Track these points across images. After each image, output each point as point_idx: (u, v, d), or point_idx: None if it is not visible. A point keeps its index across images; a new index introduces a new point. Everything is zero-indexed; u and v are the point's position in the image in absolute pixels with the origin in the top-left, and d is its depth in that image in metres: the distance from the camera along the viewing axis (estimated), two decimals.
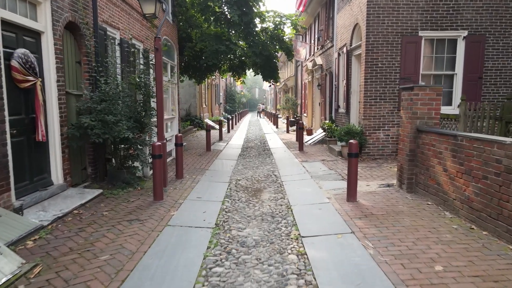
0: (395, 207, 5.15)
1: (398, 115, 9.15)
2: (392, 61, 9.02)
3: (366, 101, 9.14)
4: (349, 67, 10.72)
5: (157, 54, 6.39)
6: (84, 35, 6.38)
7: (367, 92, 9.11)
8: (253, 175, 8.15)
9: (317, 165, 8.80)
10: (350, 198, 5.52)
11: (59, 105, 5.64)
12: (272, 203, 5.81)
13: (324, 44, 14.66)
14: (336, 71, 12.28)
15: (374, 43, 8.96)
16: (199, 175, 7.83)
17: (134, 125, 6.56)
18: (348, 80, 10.78)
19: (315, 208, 5.34)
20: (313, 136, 14.30)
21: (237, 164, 9.68)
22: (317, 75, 16.16)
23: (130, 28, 8.82)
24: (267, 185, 7.11)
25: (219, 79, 32.94)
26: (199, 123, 21.07)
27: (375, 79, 9.08)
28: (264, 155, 11.26)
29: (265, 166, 9.31)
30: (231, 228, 4.66)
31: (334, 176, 7.41)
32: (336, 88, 12.24)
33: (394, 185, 6.40)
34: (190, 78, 18.47)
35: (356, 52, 10.15)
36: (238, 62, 18.23)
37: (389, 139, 9.23)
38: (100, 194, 5.84)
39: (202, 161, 9.68)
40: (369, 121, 9.18)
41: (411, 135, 5.81)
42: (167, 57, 13.59)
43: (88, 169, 6.73)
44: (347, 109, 10.91)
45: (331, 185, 6.67)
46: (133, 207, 5.33)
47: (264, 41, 15.49)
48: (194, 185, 6.90)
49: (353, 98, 10.55)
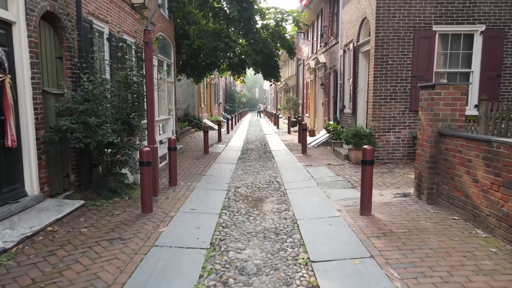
0: (417, 222, 4.49)
1: (409, 116, 8.50)
2: (403, 58, 8.36)
3: (375, 101, 8.48)
4: (356, 64, 10.06)
5: (147, 49, 5.73)
6: (65, 28, 5.72)
7: (377, 91, 8.45)
8: (253, 181, 7.50)
9: (323, 170, 8.14)
10: (364, 211, 4.86)
11: (35, 106, 4.98)
12: (275, 216, 5.15)
13: (328, 41, 14.00)
14: (341, 69, 11.62)
15: (384, 39, 8.30)
16: (194, 182, 7.18)
17: (121, 128, 5.90)
18: (355, 79, 10.12)
19: (324, 223, 4.68)
20: (316, 137, 13.64)
21: (237, 168, 9.02)
22: (320, 74, 15.50)
23: (121, 22, 8.16)
24: (269, 194, 6.45)
25: (219, 79, 32.28)
26: (198, 124, 20.41)
27: (385, 77, 8.42)
28: (265, 158, 10.60)
29: (266, 171, 8.65)
30: (228, 249, 4.00)
31: (342, 184, 6.75)
32: (341, 87, 11.58)
33: (411, 194, 5.74)
34: (188, 77, 17.83)
35: (364, 49, 9.49)
36: (237, 60, 17.58)
37: (400, 141, 8.57)
38: (82, 206, 5.18)
39: (199, 165, 9.02)
40: (379, 122, 8.52)
41: (431, 140, 5.16)
42: (163, 55, 12.94)
43: (71, 177, 6.07)
44: (354, 110, 10.25)
45: (341, 194, 6.01)
46: (117, 221, 4.67)
47: (264, 38, 14.83)
48: (188, 194, 6.24)
49: (360, 97, 9.89)
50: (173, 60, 14.05)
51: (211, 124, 21.94)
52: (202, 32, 14.28)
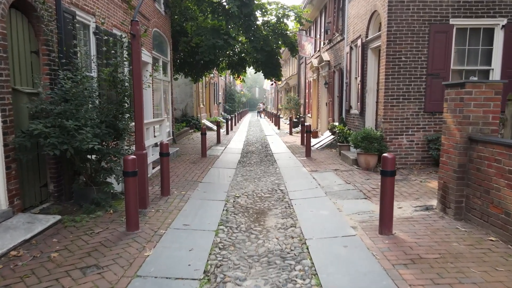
0: (448, 245, 3.82)
1: (424, 118, 7.82)
2: (417, 54, 7.68)
3: (386, 101, 7.80)
4: (364, 62, 9.38)
5: (134, 42, 5.05)
6: (41, 18, 5.04)
7: (388, 90, 7.77)
8: (254, 189, 6.82)
9: (330, 176, 7.46)
10: (384, 229, 4.19)
11: (2, 107, 4.30)
12: (281, 234, 4.48)
13: (333, 38, 13.31)
14: (347, 67, 10.94)
15: (397, 33, 7.62)
16: (190, 190, 6.50)
17: (106, 132, 5.22)
18: (363, 77, 9.44)
19: (338, 244, 4.00)
20: (320, 139, 12.96)
21: (236, 174, 8.34)
22: (324, 73, 14.82)
23: (110, 15, 7.48)
24: (272, 205, 5.77)
25: (218, 78, 31.60)
26: (196, 124, 19.72)
27: (397, 76, 7.74)
28: (267, 162, 9.92)
29: (268, 177, 7.97)
30: (225, 280, 3.32)
31: (353, 193, 6.07)
32: (348, 87, 10.90)
33: (434, 208, 5.07)
34: (186, 76, 17.15)
35: (373, 45, 8.81)
36: (237, 59, 16.91)
37: (414, 145, 7.89)
38: (58, 222, 4.50)
39: (195, 170, 8.34)
40: (390, 124, 7.84)
41: (460, 146, 4.48)
42: (158, 52, 12.26)
43: (50, 186, 5.40)
44: (362, 110, 9.57)
45: (353, 207, 5.33)
46: (96, 242, 3.99)
47: (265, 35, 14.15)
48: (182, 205, 5.56)
49: (368, 97, 9.22)
50: (170, 58, 13.37)
51: (210, 124, 21.26)
52: (200, 28, 13.60)
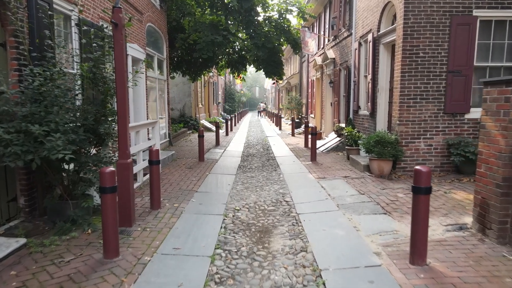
0: (500, 281, 3.07)
1: (444, 119, 7.07)
2: (437, 49, 6.93)
3: (402, 101, 7.05)
4: (376, 58, 8.63)
5: (116, 32, 4.30)
6: (7, 4, 4.29)
7: (404, 89, 7.02)
8: (257, 200, 6.07)
9: (341, 185, 6.71)
10: (416, 258, 3.43)
11: None
12: (289, 261, 3.73)
13: (338, 34, 12.56)
14: (355, 65, 10.18)
15: (415, 26, 6.87)
16: (184, 202, 5.75)
17: (84, 137, 4.48)
18: (374, 75, 8.69)
19: (362, 279, 3.25)
20: (325, 142, 12.21)
21: (236, 181, 7.60)
22: (328, 71, 14.07)
23: (95, 5, 6.73)
24: (277, 221, 5.03)
25: (217, 77, 30.84)
26: (194, 125, 18.97)
27: (414, 73, 6.99)
28: (269, 167, 9.18)
29: (271, 185, 7.22)
30: None
31: (370, 207, 5.32)
32: (356, 85, 10.15)
33: (468, 227, 4.32)
34: (184, 75, 16.41)
35: (386, 39, 8.06)
36: (237, 57, 16.16)
37: (432, 150, 7.15)
38: (22, 247, 3.76)
39: (191, 177, 7.60)
40: (406, 127, 7.09)
41: (505, 156, 3.73)
42: (153, 49, 11.50)
43: (20, 200, 4.65)
44: (373, 111, 8.81)
45: (372, 224, 4.58)
46: (64, 276, 3.25)
47: (267, 32, 13.39)
48: (173, 222, 4.82)
49: (380, 97, 8.47)
50: (166, 56, 12.62)
51: (209, 125, 20.52)
52: (197, 24, 12.84)
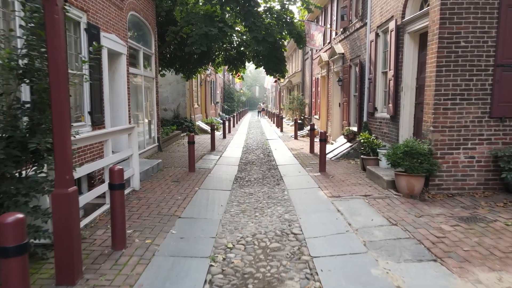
0: None
1: (490, 125, 5.68)
2: (482, 37, 5.53)
3: (438, 103, 5.65)
4: (399, 51, 7.22)
5: (48, 4, 2.90)
6: None
7: (441, 87, 5.62)
8: (256, 231, 4.67)
9: (362, 208, 5.31)
10: None
11: None
12: None
13: (349, 25, 11.14)
14: (371, 59, 8.77)
15: (455, 8, 5.47)
16: (160, 236, 4.36)
17: (3, 157, 3.07)
18: (397, 71, 7.28)
19: None
20: (334, 147, 10.80)
21: (231, 200, 6.20)
22: (336, 68, 12.66)
23: None
24: (284, 269, 3.62)
25: (215, 75, 29.43)
26: (189, 127, 17.56)
27: (454, 67, 5.60)
28: (271, 179, 7.78)
29: (274, 206, 5.82)
30: None
31: (410, 247, 3.90)
32: (371, 83, 8.74)
33: None
34: (177, 72, 15.02)
35: (413, 27, 6.66)
36: (235, 53, 14.77)
37: (474, 163, 5.75)
38: None
39: (176, 195, 6.20)
40: (443, 134, 5.69)
41: None
42: (139, 42, 10.09)
43: None
44: (395, 114, 7.40)
45: (423, 280, 3.18)
46: None
47: (268, 24, 11.98)
48: (138, 273, 3.42)
49: (405, 97, 7.06)
50: (154, 50, 11.20)
51: (205, 127, 19.11)
52: (190, 15, 11.43)
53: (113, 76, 8.32)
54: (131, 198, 5.94)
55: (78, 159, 5.79)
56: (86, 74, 6.28)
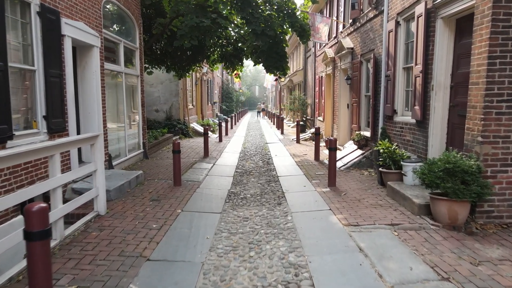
0: None
1: None
2: None
3: (489, 105, 4.33)
4: (429, 41, 5.88)
5: None
6: None
7: (493, 86, 4.30)
8: (249, 285, 3.34)
9: (392, 247, 3.98)
10: None
11: None
12: None
13: (360, 15, 9.80)
14: (389, 53, 7.43)
15: None
16: None
17: None
18: (426, 66, 5.94)
19: None
20: (343, 155, 9.46)
21: (219, 229, 4.86)
22: (344, 65, 11.33)
23: None
24: None
25: (213, 74, 28.09)
26: (183, 129, 16.25)
27: (510, 59, 4.27)
28: (271, 196, 6.46)
29: (275, 239, 4.48)
30: None
31: None
32: (390, 81, 7.40)
33: None
34: (168, 70, 13.70)
35: (450, 10, 5.32)
36: (232, 49, 13.45)
37: None
38: None
39: (150, 221, 4.88)
40: (495, 147, 4.37)
41: None
42: (119, 34, 8.74)
43: None
44: (423, 118, 6.06)
45: None
46: None
47: (268, 16, 10.65)
48: None
49: (437, 98, 5.73)
50: (139, 44, 9.87)
51: (200, 129, 17.78)
52: (179, 4, 10.10)
53: (83, 73, 6.99)
54: (90, 228, 4.61)
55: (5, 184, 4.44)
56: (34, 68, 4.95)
